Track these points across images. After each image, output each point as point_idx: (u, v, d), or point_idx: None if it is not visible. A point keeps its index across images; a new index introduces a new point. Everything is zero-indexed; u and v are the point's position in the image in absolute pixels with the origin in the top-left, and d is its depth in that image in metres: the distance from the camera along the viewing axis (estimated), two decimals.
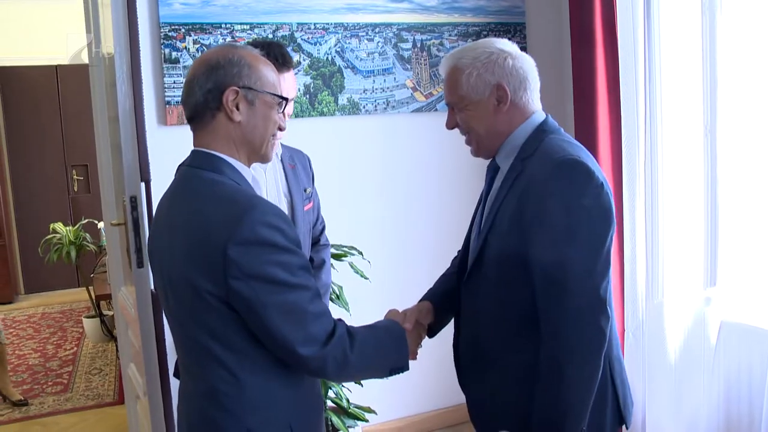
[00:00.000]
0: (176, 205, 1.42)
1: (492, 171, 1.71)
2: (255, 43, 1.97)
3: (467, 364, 1.75)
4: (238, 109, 1.40)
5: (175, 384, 2.27)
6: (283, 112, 1.48)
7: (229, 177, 1.39)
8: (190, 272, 1.33)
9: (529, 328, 1.55)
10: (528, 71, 1.63)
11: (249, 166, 1.47)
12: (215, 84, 1.39)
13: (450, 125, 1.70)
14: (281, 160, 2.12)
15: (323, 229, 2.32)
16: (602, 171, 1.57)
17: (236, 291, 1.29)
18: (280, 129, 1.48)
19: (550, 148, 1.56)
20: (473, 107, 1.62)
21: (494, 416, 1.66)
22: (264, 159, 1.49)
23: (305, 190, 2.14)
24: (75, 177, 7.14)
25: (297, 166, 2.16)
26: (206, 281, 1.30)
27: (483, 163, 1.74)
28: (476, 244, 1.67)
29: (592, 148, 3.02)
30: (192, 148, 1.46)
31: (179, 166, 1.49)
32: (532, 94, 1.64)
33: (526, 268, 1.52)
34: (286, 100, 1.48)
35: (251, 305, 1.30)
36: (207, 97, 1.39)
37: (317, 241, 2.28)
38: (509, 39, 3.42)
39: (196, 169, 1.41)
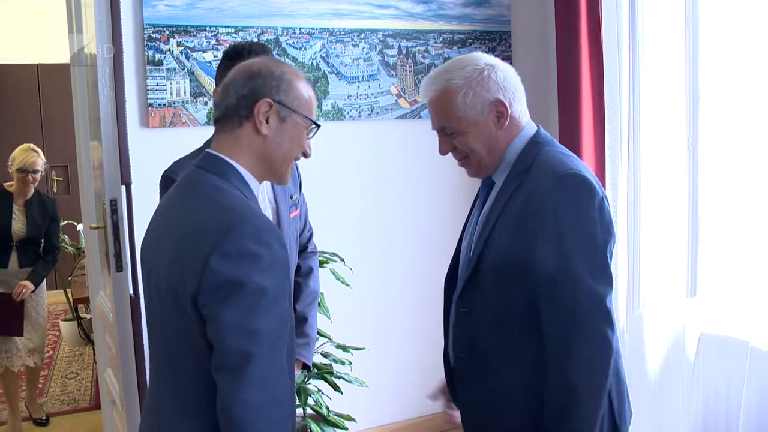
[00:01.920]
0: (174, 206, 1.39)
1: (486, 187, 1.67)
2: (238, 45, 1.97)
3: (463, 375, 1.70)
4: (267, 122, 1.36)
5: None
6: (311, 138, 1.42)
7: (234, 185, 1.35)
8: (172, 276, 1.29)
9: (528, 335, 1.53)
10: (515, 82, 1.60)
11: (260, 182, 1.42)
12: (251, 91, 1.35)
13: (445, 151, 1.62)
14: None
15: (311, 236, 2.30)
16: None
17: (205, 303, 1.24)
18: (305, 156, 1.43)
19: (549, 161, 1.54)
20: (473, 128, 1.56)
21: (496, 425, 1.63)
22: (280, 181, 1.45)
23: (291, 197, 2.12)
24: (55, 178, 7.03)
25: None
26: (188, 286, 1.25)
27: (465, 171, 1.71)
28: (469, 258, 1.64)
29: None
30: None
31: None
32: (521, 105, 1.61)
33: (527, 277, 1.50)
34: (318, 126, 1.43)
35: (212, 317, 1.24)
36: (240, 102, 1.36)
37: (305, 249, 2.26)
38: (495, 46, 3.50)
39: (201, 171, 1.37)
